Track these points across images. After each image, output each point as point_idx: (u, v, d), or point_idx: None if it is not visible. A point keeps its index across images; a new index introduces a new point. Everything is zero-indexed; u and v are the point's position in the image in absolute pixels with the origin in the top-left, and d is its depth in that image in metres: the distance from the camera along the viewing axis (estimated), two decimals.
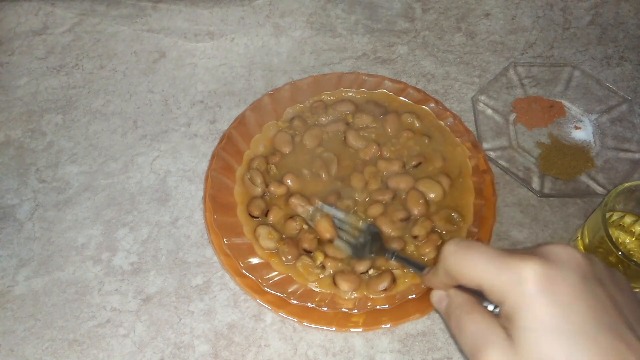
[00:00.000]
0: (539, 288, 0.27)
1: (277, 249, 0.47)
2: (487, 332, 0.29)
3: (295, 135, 0.54)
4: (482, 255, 0.30)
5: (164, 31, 0.66)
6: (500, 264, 0.29)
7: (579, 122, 0.59)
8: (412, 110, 0.56)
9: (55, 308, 0.48)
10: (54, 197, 0.54)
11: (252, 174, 0.51)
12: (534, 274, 0.28)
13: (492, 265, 0.29)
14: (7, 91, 0.61)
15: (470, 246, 0.31)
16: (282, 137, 0.54)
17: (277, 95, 0.56)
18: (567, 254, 0.29)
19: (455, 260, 0.31)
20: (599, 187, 0.53)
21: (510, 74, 0.62)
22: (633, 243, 0.48)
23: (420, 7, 0.69)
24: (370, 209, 0.49)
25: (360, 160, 0.53)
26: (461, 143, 0.53)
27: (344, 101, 0.56)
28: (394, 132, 0.54)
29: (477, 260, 0.30)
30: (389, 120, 0.54)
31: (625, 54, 0.65)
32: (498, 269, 0.29)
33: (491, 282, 0.29)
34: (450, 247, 0.32)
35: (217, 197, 0.49)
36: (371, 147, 0.53)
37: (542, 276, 0.28)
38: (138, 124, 0.59)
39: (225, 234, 0.47)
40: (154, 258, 0.50)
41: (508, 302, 0.28)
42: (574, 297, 0.27)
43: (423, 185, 0.50)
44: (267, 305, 0.45)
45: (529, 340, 0.27)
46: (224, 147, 0.52)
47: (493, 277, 0.29)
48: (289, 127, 0.55)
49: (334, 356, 0.45)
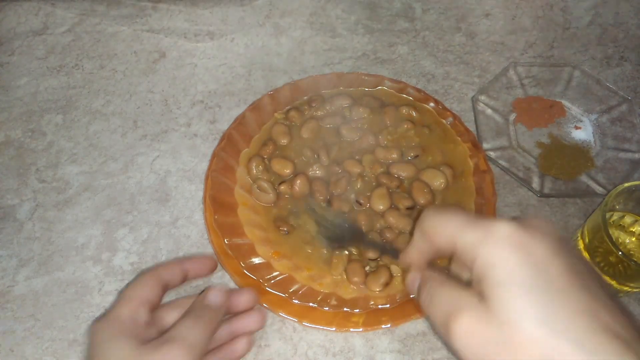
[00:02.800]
0: (512, 245, 0.27)
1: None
2: (458, 299, 0.28)
3: (292, 126, 0.54)
4: (457, 215, 0.30)
5: (164, 31, 0.66)
6: (473, 223, 0.29)
7: (579, 122, 0.59)
8: (411, 104, 0.56)
9: (55, 308, 0.48)
10: (54, 197, 0.54)
11: (258, 183, 0.50)
12: (507, 230, 0.27)
13: (465, 223, 0.29)
14: (7, 91, 0.61)
15: (447, 210, 0.31)
16: (279, 129, 0.54)
17: (277, 95, 0.56)
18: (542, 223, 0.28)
19: (431, 221, 0.32)
20: (599, 187, 0.53)
21: (510, 74, 0.62)
22: (633, 243, 0.48)
23: (420, 7, 0.69)
24: (376, 192, 0.49)
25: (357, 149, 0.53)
26: (462, 142, 0.54)
27: (342, 95, 0.56)
28: (392, 123, 0.54)
29: (452, 220, 0.30)
30: (388, 112, 0.55)
31: (625, 54, 0.65)
32: (471, 227, 0.29)
33: (464, 239, 0.29)
34: (427, 211, 0.32)
35: (218, 197, 0.49)
36: (367, 137, 0.53)
37: (516, 234, 0.27)
38: (138, 124, 0.59)
39: (226, 234, 0.47)
40: (154, 258, 0.50)
41: (480, 259, 0.27)
42: (549, 256, 0.27)
43: (426, 175, 0.51)
44: (267, 305, 0.45)
45: (501, 296, 0.26)
46: (224, 148, 0.52)
47: (464, 236, 0.29)
48: (285, 118, 0.55)
49: (334, 356, 0.45)
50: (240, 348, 0.42)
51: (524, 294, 0.26)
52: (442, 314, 0.29)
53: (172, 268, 0.42)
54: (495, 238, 0.27)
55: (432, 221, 0.32)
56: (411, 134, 0.54)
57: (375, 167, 0.51)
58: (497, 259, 0.27)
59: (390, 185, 0.50)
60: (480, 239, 0.28)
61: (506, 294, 0.26)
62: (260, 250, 0.47)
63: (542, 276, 0.26)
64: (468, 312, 0.27)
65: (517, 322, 0.25)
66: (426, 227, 0.32)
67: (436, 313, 0.30)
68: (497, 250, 0.27)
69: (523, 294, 0.26)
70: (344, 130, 0.54)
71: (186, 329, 0.37)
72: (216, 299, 0.40)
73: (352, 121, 0.55)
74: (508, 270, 0.26)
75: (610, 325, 0.25)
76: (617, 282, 0.45)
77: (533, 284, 0.26)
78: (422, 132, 0.54)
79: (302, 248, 0.48)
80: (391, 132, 0.54)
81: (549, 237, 0.27)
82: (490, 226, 0.28)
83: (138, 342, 0.36)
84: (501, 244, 0.27)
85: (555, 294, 0.25)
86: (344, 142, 0.54)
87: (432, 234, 0.32)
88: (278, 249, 0.48)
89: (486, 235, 0.28)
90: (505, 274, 0.26)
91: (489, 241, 0.27)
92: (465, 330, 0.27)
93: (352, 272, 0.46)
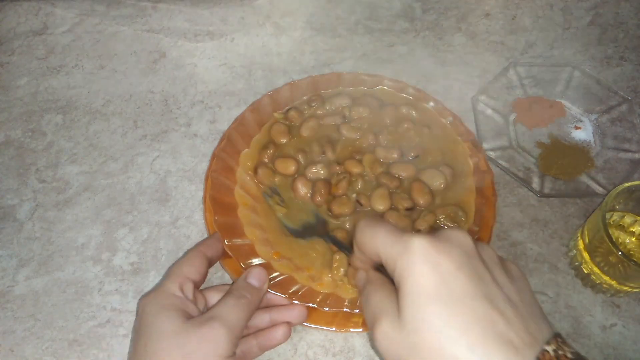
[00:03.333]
0: (423, 257, 0.30)
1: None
2: (385, 304, 0.31)
3: (292, 126, 0.54)
4: (382, 230, 0.33)
5: (164, 31, 0.66)
6: (394, 237, 0.32)
7: (579, 122, 0.59)
8: (411, 103, 0.56)
9: (55, 308, 0.48)
10: (54, 197, 0.54)
11: (273, 201, 0.50)
12: (419, 245, 0.30)
13: (388, 238, 0.32)
14: (7, 91, 0.61)
15: (375, 223, 0.34)
16: (278, 128, 0.54)
17: (277, 95, 0.56)
18: (456, 235, 0.31)
19: (361, 234, 0.35)
20: (599, 187, 0.53)
21: (510, 74, 0.62)
22: (633, 243, 0.48)
23: (420, 7, 0.69)
24: (376, 192, 0.50)
25: (357, 148, 0.53)
26: (462, 142, 0.54)
27: (341, 94, 0.57)
28: (392, 122, 0.54)
29: (378, 235, 0.33)
30: (387, 112, 0.55)
31: (625, 54, 0.65)
32: (392, 241, 0.31)
33: (386, 252, 0.32)
34: (360, 223, 0.35)
35: (218, 198, 0.49)
36: (367, 137, 0.53)
37: (427, 248, 0.30)
38: (138, 124, 0.59)
39: (226, 235, 0.47)
40: (154, 258, 0.50)
41: (397, 270, 0.30)
42: (455, 268, 0.29)
43: (425, 176, 0.51)
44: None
45: (410, 305, 0.29)
46: (224, 148, 0.52)
47: (388, 248, 0.32)
48: (285, 117, 0.55)
49: (334, 356, 0.45)
50: (279, 335, 0.43)
51: (428, 304, 0.28)
52: (371, 316, 0.32)
53: (214, 244, 0.45)
54: (409, 252, 0.30)
55: (362, 235, 0.35)
56: (411, 134, 0.54)
57: (375, 167, 0.51)
58: (409, 272, 0.30)
59: (390, 186, 0.50)
60: (399, 253, 0.31)
61: (413, 303, 0.29)
62: (260, 250, 0.47)
63: (445, 287, 0.29)
64: (387, 318, 0.30)
65: (421, 330, 0.28)
66: (357, 241, 0.35)
67: (367, 315, 0.33)
68: (409, 263, 0.30)
69: (427, 304, 0.29)
70: (344, 130, 0.54)
71: (227, 308, 0.39)
72: (258, 278, 0.42)
73: (352, 120, 0.55)
74: (416, 282, 0.29)
75: (503, 332, 0.27)
76: (617, 282, 0.45)
77: (437, 294, 0.28)
78: (422, 132, 0.54)
79: (302, 249, 0.48)
80: (391, 132, 0.54)
81: (457, 250, 0.30)
82: (407, 241, 0.30)
83: (183, 317, 0.38)
84: (414, 258, 0.30)
85: (455, 304, 0.28)
86: (345, 141, 0.54)
87: (362, 246, 0.35)
88: (278, 250, 0.48)
89: (404, 249, 0.30)
90: (414, 285, 0.29)
91: (405, 255, 0.30)
92: (384, 335, 0.30)
93: (353, 274, 0.45)
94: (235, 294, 0.40)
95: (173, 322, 0.37)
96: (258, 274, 0.42)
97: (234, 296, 0.40)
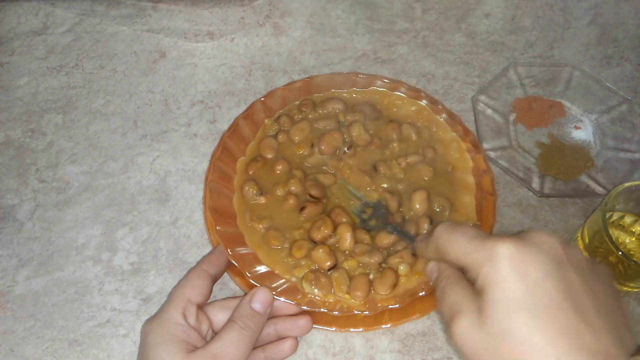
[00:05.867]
0: (510, 265, 0.29)
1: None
2: (463, 301, 0.32)
3: (281, 131, 0.53)
4: (465, 235, 0.33)
5: (164, 31, 0.66)
6: (478, 243, 0.31)
7: (579, 122, 0.59)
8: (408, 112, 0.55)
9: (55, 308, 0.48)
10: (54, 197, 0.54)
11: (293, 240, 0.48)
12: (506, 251, 0.30)
13: (471, 244, 0.32)
14: (7, 91, 0.61)
15: (457, 228, 0.34)
16: (267, 142, 0.53)
17: (268, 101, 0.55)
18: (544, 238, 0.31)
19: (442, 240, 0.35)
20: (599, 187, 0.53)
21: (510, 74, 0.62)
22: (633, 243, 0.48)
23: (420, 7, 0.69)
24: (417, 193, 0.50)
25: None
26: (457, 137, 0.53)
27: (334, 99, 0.56)
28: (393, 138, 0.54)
29: (460, 241, 0.33)
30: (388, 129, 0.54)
31: (625, 54, 0.65)
32: (476, 247, 0.31)
33: (470, 259, 0.32)
34: (440, 228, 0.36)
35: (218, 208, 0.48)
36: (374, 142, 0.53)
37: (514, 255, 0.29)
38: (138, 124, 0.59)
39: (228, 244, 0.46)
40: (154, 258, 0.50)
41: (481, 277, 0.30)
42: (543, 277, 0.29)
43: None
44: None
45: (495, 313, 0.29)
46: (220, 157, 0.51)
47: (471, 255, 0.32)
48: (275, 123, 0.54)
49: (334, 356, 0.45)
50: (287, 348, 0.43)
51: (515, 312, 0.29)
52: (448, 311, 0.32)
53: (216, 259, 0.44)
54: (495, 259, 0.30)
55: (443, 241, 0.35)
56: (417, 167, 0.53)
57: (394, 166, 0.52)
58: (495, 279, 0.30)
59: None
60: (484, 260, 0.30)
61: (499, 310, 0.29)
62: (265, 259, 0.47)
63: (532, 297, 0.29)
64: (466, 316, 0.31)
65: (505, 337, 0.29)
66: (439, 246, 0.35)
67: (444, 309, 0.33)
68: (495, 271, 0.30)
69: (514, 312, 0.29)
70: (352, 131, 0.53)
71: (230, 345, 0.38)
72: (262, 302, 0.41)
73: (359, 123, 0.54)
74: (503, 290, 0.29)
75: (589, 344, 0.27)
76: (617, 282, 0.45)
77: (524, 304, 0.29)
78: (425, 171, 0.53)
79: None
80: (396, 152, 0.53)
81: (545, 257, 0.30)
82: (492, 247, 0.30)
83: (186, 350, 0.37)
84: (500, 265, 0.30)
85: (542, 315, 0.28)
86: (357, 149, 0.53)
87: (444, 252, 0.35)
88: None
89: (489, 256, 0.30)
90: (501, 293, 0.29)
91: (490, 262, 0.30)
92: (462, 331, 0.31)
93: (355, 287, 0.44)
94: (239, 324, 0.39)
95: (174, 356, 0.37)
96: (263, 297, 0.41)
97: (237, 327, 0.39)
